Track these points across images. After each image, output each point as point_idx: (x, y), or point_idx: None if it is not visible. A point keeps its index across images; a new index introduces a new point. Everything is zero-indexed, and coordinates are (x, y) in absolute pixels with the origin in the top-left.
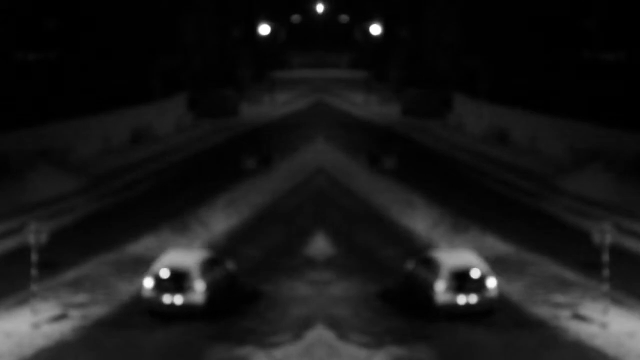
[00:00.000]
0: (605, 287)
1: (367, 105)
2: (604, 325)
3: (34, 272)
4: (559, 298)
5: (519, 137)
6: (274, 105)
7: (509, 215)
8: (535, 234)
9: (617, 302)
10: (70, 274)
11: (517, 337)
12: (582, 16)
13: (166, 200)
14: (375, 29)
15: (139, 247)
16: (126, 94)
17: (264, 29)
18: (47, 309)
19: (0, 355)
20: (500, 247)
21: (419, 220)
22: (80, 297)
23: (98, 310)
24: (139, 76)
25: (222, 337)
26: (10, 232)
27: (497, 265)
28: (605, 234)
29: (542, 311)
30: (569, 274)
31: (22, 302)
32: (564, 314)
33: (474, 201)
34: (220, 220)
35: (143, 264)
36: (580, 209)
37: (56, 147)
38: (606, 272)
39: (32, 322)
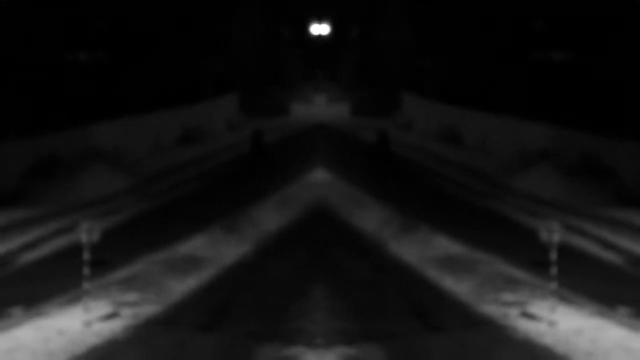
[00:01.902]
0: (553, 285)
1: (319, 105)
2: (552, 323)
3: (86, 270)
4: (508, 297)
5: (469, 136)
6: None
7: (459, 215)
8: (486, 233)
9: (564, 300)
10: (121, 273)
11: (465, 336)
12: (532, 16)
13: (217, 199)
14: (324, 29)
15: (189, 246)
16: (176, 93)
17: (316, 29)
18: (99, 307)
19: (53, 352)
20: (450, 246)
21: (367, 221)
22: (132, 296)
23: (149, 310)
24: (188, 76)
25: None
26: (62, 231)
27: (447, 264)
28: (553, 233)
29: (491, 310)
30: (518, 273)
31: (75, 300)
32: (513, 312)
33: (424, 200)
34: (271, 220)
35: (194, 264)
36: (530, 208)
37: (107, 147)
38: (554, 271)
39: (84, 320)
